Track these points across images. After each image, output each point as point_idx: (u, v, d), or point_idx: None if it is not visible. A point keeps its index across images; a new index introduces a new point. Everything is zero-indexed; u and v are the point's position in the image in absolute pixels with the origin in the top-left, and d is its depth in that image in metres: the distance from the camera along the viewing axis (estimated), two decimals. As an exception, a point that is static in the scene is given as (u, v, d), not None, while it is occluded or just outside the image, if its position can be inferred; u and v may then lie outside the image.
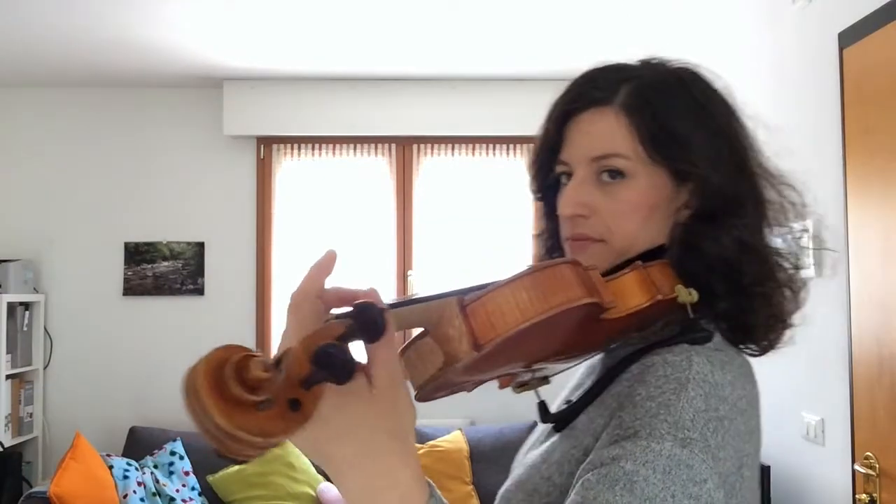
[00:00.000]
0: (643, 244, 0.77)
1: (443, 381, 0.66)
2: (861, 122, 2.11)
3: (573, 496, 0.63)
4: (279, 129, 4.14)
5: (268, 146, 4.25)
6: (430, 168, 4.30)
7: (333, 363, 0.49)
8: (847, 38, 2.18)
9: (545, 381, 0.81)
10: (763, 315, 0.77)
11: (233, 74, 4.04)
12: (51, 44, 3.58)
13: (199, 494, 3.71)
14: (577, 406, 0.75)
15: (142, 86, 4.24)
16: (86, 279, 4.20)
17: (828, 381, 2.26)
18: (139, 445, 3.82)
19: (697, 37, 3.38)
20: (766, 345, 0.80)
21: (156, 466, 3.70)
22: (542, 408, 0.80)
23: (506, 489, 0.80)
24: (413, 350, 0.66)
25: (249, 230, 4.26)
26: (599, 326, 0.68)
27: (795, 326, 0.81)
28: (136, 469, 3.64)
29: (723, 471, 0.64)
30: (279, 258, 4.22)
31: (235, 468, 3.73)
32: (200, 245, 4.24)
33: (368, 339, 0.56)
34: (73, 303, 4.20)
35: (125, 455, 3.76)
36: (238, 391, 0.47)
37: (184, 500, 3.64)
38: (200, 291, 4.22)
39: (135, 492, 3.52)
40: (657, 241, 0.78)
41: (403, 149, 4.27)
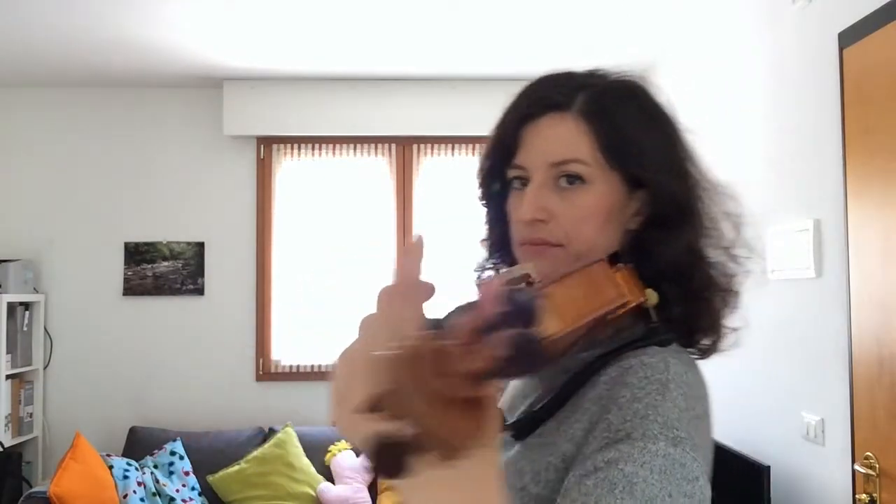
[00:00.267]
0: (600, 250, 0.77)
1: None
2: (861, 122, 2.11)
3: (569, 500, 0.63)
4: (279, 129, 4.14)
5: (268, 146, 4.25)
6: (430, 168, 4.30)
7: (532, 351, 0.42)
8: (847, 38, 2.18)
9: (501, 390, 0.80)
10: (707, 320, 0.80)
11: (233, 74, 4.04)
12: (51, 44, 3.58)
13: (199, 494, 3.72)
14: (542, 414, 0.74)
15: (142, 86, 4.24)
16: (86, 279, 4.20)
17: (828, 381, 2.26)
18: (139, 445, 3.82)
19: (697, 37, 3.38)
20: (709, 348, 0.81)
21: (156, 466, 3.70)
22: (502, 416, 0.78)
23: None
24: None
25: (249, 230, 4.26)
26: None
27: (737, 330, 0.82)
28: (136, 469, 3.64)
29: (707, 466, 0.67)
30: (279, 258, 4.22)
31: (235, 468, 3.73)
32: (200, 245, 4.24)
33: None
34: (73, 303, 4.20)
35: (125, 455, 3.76)
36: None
37: (184, 500, 3.64)
38: (200, 291, 4.22)
39: (135, 492, 3.52)
40: (611, 248, 0.79)
41: (403, 149, 4.27)
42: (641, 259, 0.76)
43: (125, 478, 3.55)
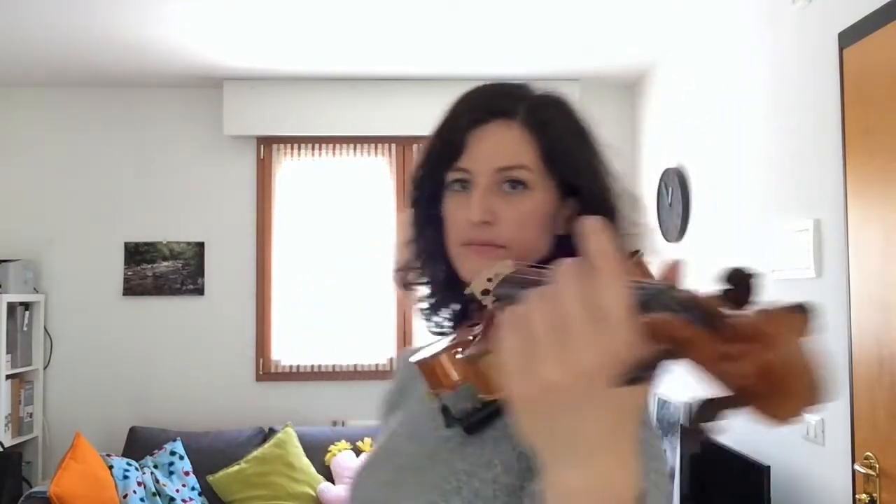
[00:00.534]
0: (538, 253, 0.83)
1: None
2: (861, 122, 2.11)
3: None
4: (279, 129, 4.14)
5: (268, 146, 4.25)
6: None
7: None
8: (847, 38, 2.18)
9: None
10: None
11: (233, 74, 4.04)
12: (51, 44, 3.58)
13: (199, 494, 3.72)
14: (495, 409, 0.77)
15: (142, 86, 4.24)
16: (86, 279, 4.20)
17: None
18: (139, 445, 3.82)
19: (697, 37, 3.38)
20: None
21: (156, 466, 3.70)
22: (447, 412, 0.81)
23: None
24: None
25: (249, 230, 4.26)
26: None
27: None
28: (136, 469, 3.64)
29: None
30: (279, 258, 4.22)
31: (235, 468, 3.73)
32: (200, 245, 4.24)
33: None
34: (73, 303, 4.20)
35: (125, 455, 3.76)
36: None
37: (184, 500, 3.64)
38: (200, 291, 4.22)
39: (135, 492, 3.52)
40: (545, 251, 0.84)
41: (403, 149, 4.27)
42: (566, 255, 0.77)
43: (125, 478, 3.55)
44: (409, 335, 4.20)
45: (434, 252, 0.90)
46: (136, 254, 4.23)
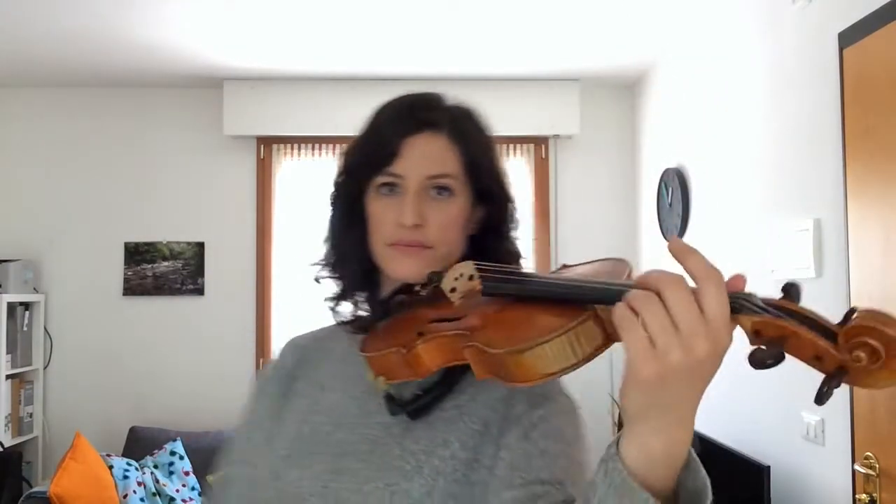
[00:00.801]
0: (457, 252, 0.93)
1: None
2: (861, 122, 2.11)
3: (520, 448, 0.82)
4: (279, 129, 4.14)
5: (268, 146, 4.25)
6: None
7: None
8: (847, 38, 2.18)
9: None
10: None
11: (233, 74, 4.04)
12: (51, 44, 3.58)
13: (200, 494, 3.71)
14: (439, 394, 0.88)
15: (142, 86, 4.24)
16: (86, 279, 4.21)
17: (828, 381, 2.26)
18: (139, 445, 3.82)
19: (697, 37, 3.38)
20: None
21: (156, 466, 3.71)
22: (393, 400, 0.89)
23: (357, 488, 0.86)
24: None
25: (249, 230, 4.26)
26: None
27: None
28: (136, 469, 3.64)
29: None
30: (279, 258, 4.22)
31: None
32: (200, 245, 4.24)
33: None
34: (73, 303, 4.20)
35: (125, 455, 3.77)
36: None
37: (184, 500, 3.64)
38: (200, 291, 4.22)
39: (135, 492, 3.52)
40: (462, 251, 0.94)
41: (403, 149, 4.27)
42: (477, 258, 0.89)
43: (125, 478, 3.55)
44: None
45: (352, 249, 0.97)
46: (136, 254, 4.23)
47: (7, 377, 3.81)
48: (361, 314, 1.00)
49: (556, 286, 0.76)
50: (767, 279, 2.62)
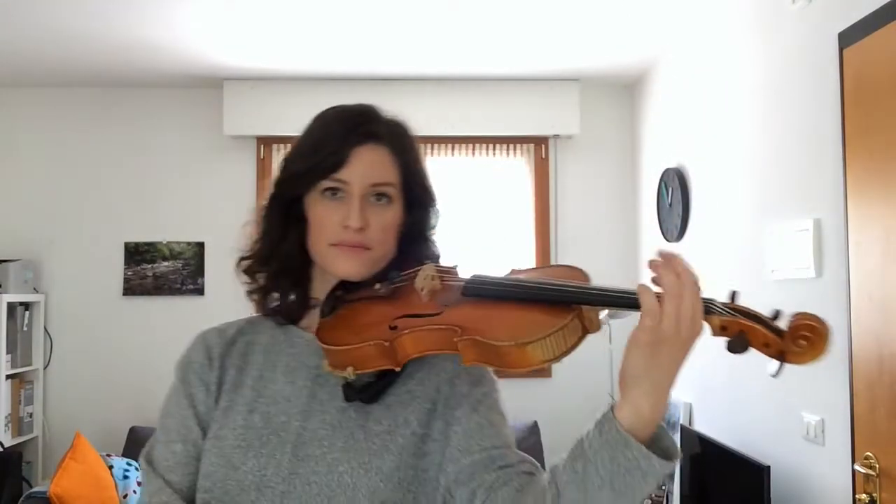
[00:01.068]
0: (391, 253, 1.03)
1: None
2: (861, 122, 2.11)
3: (473, 420, 0.97)
4: (279, 129, 4.13)
5: (268, 146, 4.25)
6: (430, 168, 4.29)
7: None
8: (847, 38, 2.18)
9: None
10: None
11: (233, 74, 4.04)
12: (51, 44, 3.58)
13: (199, 494, 3.71)
14: (391, 380, 0.98)
15: (142, 86, 4.24)
16: (86, 279, 4.20)
17: (828, 381, 2.26)
18: (139, 445, 3.79)
19: (697, 37, 3.38)
20: None
21: (156, 466, 3.70)
22: (350, 387, 0.98)
23: (339, 470, 0.94)
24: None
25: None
26: None
27: None
28: (136, 469, 3.64)
29: None
30: (279, 258, 4.22)
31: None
32: (200, 245, 4.24)
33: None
34: (73, 303, 4.20)
35: (125, 455, 3.76)
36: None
37: (184, 500, 3.64)
38: (200, 291, 4.22)
39: (135, 492, 3.52)
40: (394, 252, 1.04)
41: (403, 149, 4.27)
42: (404, 256, 1.04)
43: (125, 478, 3.55)
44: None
45: (290, 247, 1.04)
46: (136, 254, 4.23)
47: (7, 377, 3.81)
48: (285, 306, 1.09)
49: (542, 290, 0.89)
50: (768, 279, 2.62)
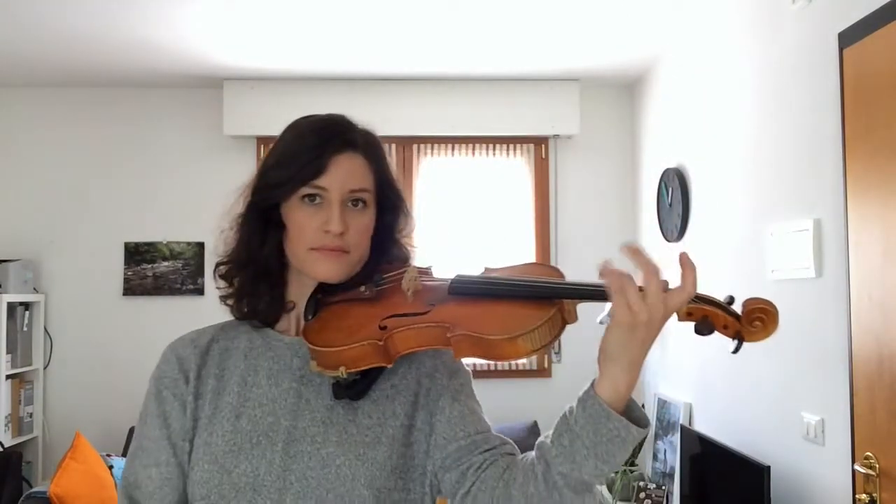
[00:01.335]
0: (365, 256, 1.09)
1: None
2: (861, 122, 2.11)
3: (455, 409, 1.05)
4: (279, 129, 4.10)
5: (268, 146, 4.24)
6: (430, 168, 4.30)
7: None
8: (847, 38, 2.18)
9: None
10: None
11: (233, 74, 4.04)
12: (51, 44, 3.58)
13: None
14: (376, 376, 1.04)
15: (142, 86, 4.24)
16: (86, 279, 4.21)
17: (828, 381, 2.26)
18: (139, 445, 3.82)
19: (697, 37, 3.38)
20: None
21: (156, 466, 3.70)
22: (338, 385, 1.03)
23: (344, 462, 0.99)
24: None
25: (249, 230, 4.25)
26: None
27: None
28: (136, 469, 3.64)
29: None
30: (279, 258, 4.22)
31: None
32: (200, 245, 4.25)
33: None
34: (73, 303, 4.20)
35: (125, 455, 3.76)
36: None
37: (184, 500, 3.64)
38: (200, 291, 4.22)
39: (135, 492, 3.52)
40: (368, 254, 1.09)
41: (403, 149, 4.27)
42: (377, 257, 1.11)
43: (125, 478, 3.55)
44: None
45: (269, 251, 1.07)
46: (136, 254, 4.23)
47: (7, 377, 3.81)
48: (258, 309, 1.11)
49: (526, 287, 0.97)
50: (768, 279, 2.62)
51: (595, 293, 0.92)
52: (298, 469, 0.98)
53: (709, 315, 0.91)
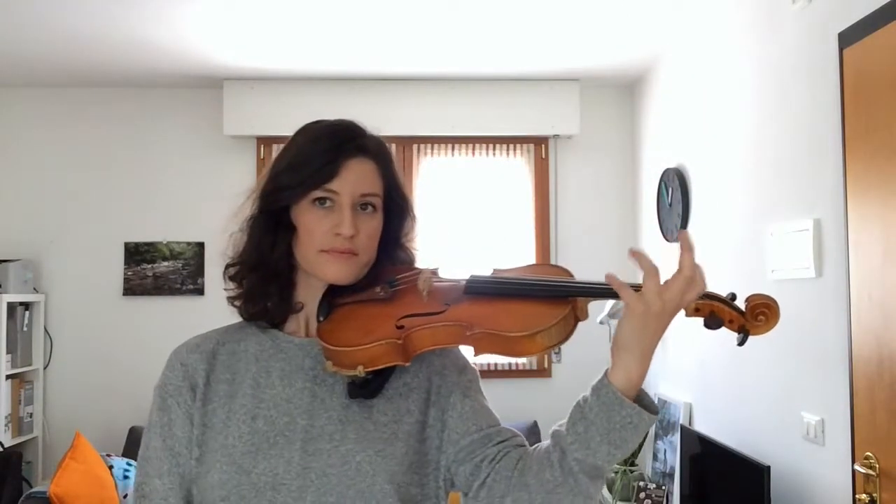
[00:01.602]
0: (373, 259, 1.10)
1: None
2: (861, 122, 2.11)
3: (467, 404, 1.09)
4: (279, 129, 4.13)
5: (268, 146, 4.25)
6: (430, 168, 4.30)
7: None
8: (847, 38, 2.18)
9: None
10: None
11: (233, 74, 4.04)
12: (51, 44, 3.58)
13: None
14: (389, 375, 1.06)
15: (142, 86, 4.24)
16: (86, 279, 4.21)
17: (828, 381, 2.26)
18: (139, 445, 3.81)
19: (697, 37, 3.38)
20: None
21: (156, 466, 3.70)
22: (353, 384, 1.04)
23: (364, 461, 1.01)
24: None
25: (249, 230, 4.25)
26: None
27: None
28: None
29: None
30: (279, 258, 4.22)
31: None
32: (200, 245, 4.25)
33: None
34: (73, 303, 4.20)
35: (125, 455, 3.76)
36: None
37: (184, 500, 3.64)
38: (200, 291, 4.22)
39: (135, 492, 3.52)
40: (375, 257, 1.11)
41: (403, 149, 4.27)
42: (383, 260, 1.13)
43: (125, 478, 3.55)
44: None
45: (280, 253, 1.08)
46: (136, 254, 4.23)
47: (7, 377, 3.81)
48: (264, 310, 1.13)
49: (542, 286, 1.02)
50: (768, 279, 2.62)
51: (606, 292, 0.96)
52: (318, 467, 1.00)
53: (716, 310, 0.96)
